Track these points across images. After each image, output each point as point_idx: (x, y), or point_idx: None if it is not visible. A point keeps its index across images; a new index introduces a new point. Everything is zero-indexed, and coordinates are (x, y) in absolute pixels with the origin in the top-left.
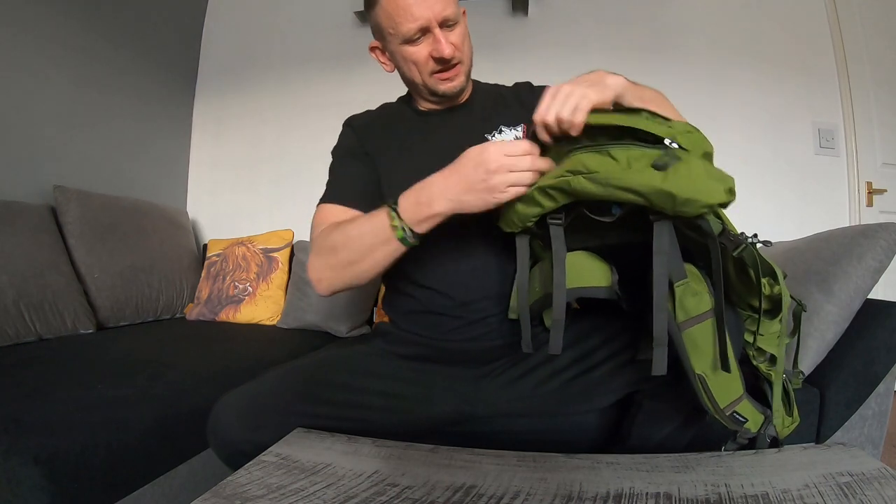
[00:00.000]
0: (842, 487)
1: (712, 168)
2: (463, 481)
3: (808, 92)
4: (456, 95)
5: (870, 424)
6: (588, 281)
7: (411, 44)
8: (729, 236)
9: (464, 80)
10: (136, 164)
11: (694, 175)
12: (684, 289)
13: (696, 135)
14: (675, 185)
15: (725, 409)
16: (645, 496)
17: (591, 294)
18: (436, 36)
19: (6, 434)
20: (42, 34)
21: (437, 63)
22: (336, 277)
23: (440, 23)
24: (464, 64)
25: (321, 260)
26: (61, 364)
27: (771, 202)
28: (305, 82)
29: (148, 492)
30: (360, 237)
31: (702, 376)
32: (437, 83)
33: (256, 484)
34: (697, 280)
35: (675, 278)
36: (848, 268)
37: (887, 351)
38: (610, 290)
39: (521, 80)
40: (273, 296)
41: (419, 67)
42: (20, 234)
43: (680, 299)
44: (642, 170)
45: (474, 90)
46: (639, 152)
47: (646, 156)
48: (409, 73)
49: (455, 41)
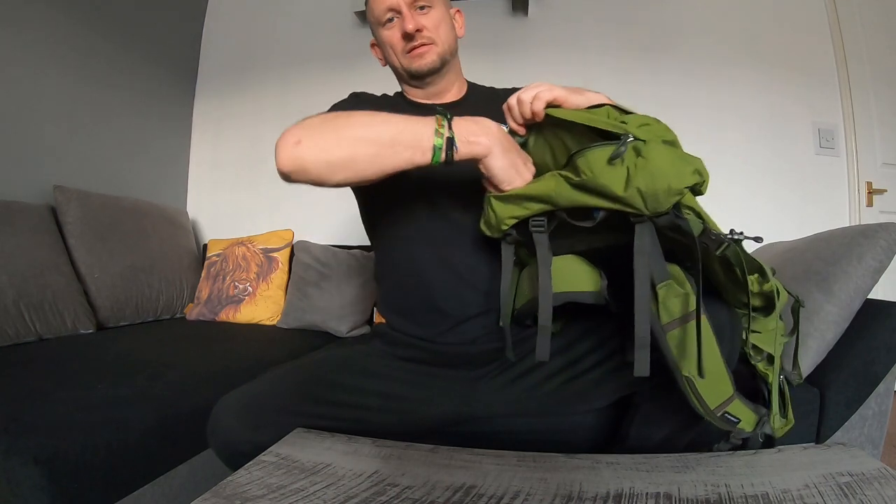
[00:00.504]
0: (842, 487)
1: (675, 151)
2: (463, 481)
3: (808, 92)
4: (427, 75)
5: (870, 424)
6: (576, 286)
7: (386, 27)
8: (710, 235)
9: (436, 60)
10: (136, 164)
11: (655, 165)
12: (667, 290)
13: (654, 126)
14: (640, 180)
15: (716, 410)
16: (645, 496)
17: (579, 299)
18: (403, 14)
19: (6, 434)
20: (42, 34)
21: (405, 39)
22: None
23: (409, 4)
24: (437, 45)
25: (313, 127)
26: (61, 364)
27: (771, 202)
28: (305, 82)
29: (148, 492)
30: (384, 123)
31: (689, 378)
32: (409, 61)
33: (256, 484)
34: (681, 281)
35: (657, 279)
36: (848, 268)
37: (887, 351)
38: (598, 294)
39: (521, 79)
40: (273, 296)
41: (394, 49)
42: (20, 234)
43: (663, 300)
44: (602, 171)
45: (469, 91)
46: (598, 154)
47: (603, 155)
48: (389, 57)
49: (425, 22)
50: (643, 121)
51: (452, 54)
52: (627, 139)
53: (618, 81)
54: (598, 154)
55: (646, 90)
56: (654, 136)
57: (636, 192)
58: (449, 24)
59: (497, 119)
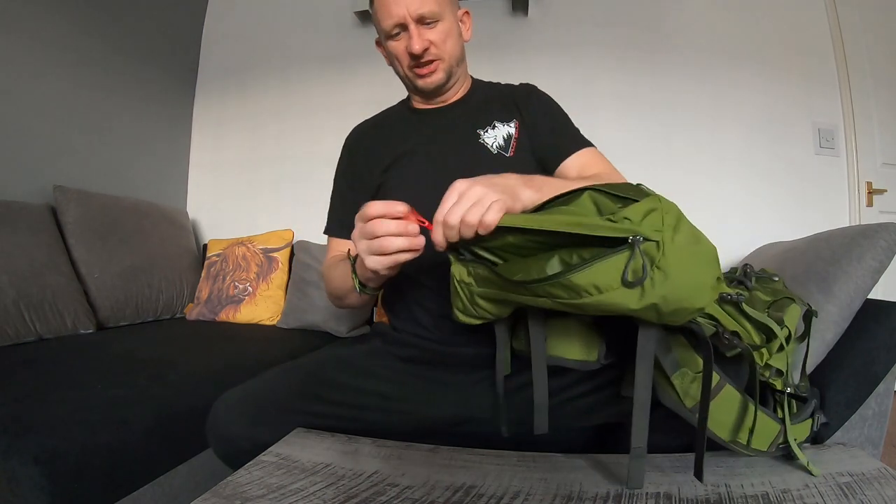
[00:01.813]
0: (842, 487)
1: (694, 251)
2: (463, 481)
3: (808, 92)
4: (434, 91)
5: (870, 424)
6: (571, 353)
7: (392, 39)
8: (723, 338)
9: (442, 77)
10: (136, 164)
11: (675, 282)
12: (682, 378)
13: (658, 209)
14: (656, 296)
15: (769, 450)
16: (645, 496)
17: (570, 366)
18: (410, 32)
19: (6, 434)
20: (42, 34)
21: (412, 58)
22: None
23: (416, 19)
24: (444, 61)
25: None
26: (61, 364)
27: (771, 202)
28: (305, 83)
29: (148, 492)
30: (339, 280)
31: (737, 442)
32: (415, 77)
33: (256, 484)
34: (692, 361)
35: (669, 372)
36: (848, 268)
37: (887, 351)
38: (596, 363)
39: (521, 79)
40: (273, 296)
41: (400, 61)
42: (20, 234)
43: (682, 389)
44: (614, 289)
45: (473, 87)
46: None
47: (611, 269)
48: (395, 66)
49: (433, 38)
50: (646, 207)
51: (459, 63)
52: (638, 242)
53: (618, 81)
54: (604, 269)
55: (645, 90)
56: (665, 224)
57: (652, 308)
58: (456, 34)
59: (500, 116)
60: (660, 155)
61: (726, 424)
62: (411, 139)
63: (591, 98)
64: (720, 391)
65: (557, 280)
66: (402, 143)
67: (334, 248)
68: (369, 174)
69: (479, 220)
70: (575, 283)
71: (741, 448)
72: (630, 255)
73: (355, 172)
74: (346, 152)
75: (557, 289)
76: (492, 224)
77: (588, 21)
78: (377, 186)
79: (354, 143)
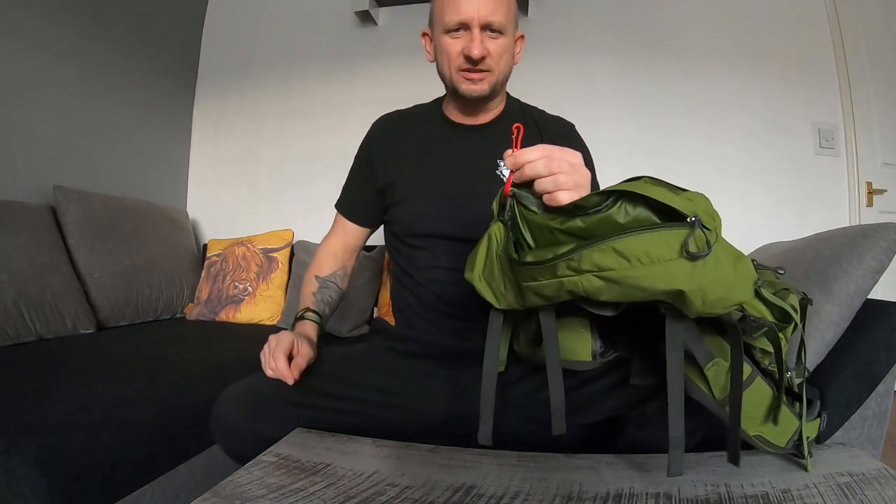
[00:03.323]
0: (842, 487)
1: (735, 252)
2: (463, 481)
3: (808, 92)
4: (472, 101)
5: (870, 424)
6: (575, 354)
7: (449, 35)
8: (750, 321)
9: (487, 89)
10: (136, 164)
11: (724, 269)
12: (716, 370)
13: (710, 205)
14: (704, 279)
15: (786, 447)
16: (645, 496)
17: (576, 367)
18: (473, 34)
19: (6, 434)
20: (42, 35)
21: (466, 61)
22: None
23: (482, 25)
24: (493, 74)
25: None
26: (61, 364)
27: (771, 202)
28: (305, 82)
29: (148, 492)
30: (300, 294)
31: (759, 436)
32: (460, 81)
33: (256, 484)
34: (722, 350)
35: (702, 363)
36: (848, 268)
37: (887, 351)
38: (593, 363)
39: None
40: (273, 296)
41: (450, 60)
42: (20, 234)
43: (714, 380)
44: (667, 260)
45: (506, 110)
46: (655, 237)
47: (669, 239)
48: (441, 64)
49: (492, 49)
50: (704, 202)
51: (504, 84)
52: (695, 223)
53: (617, 81)
54: (660, 238)
55: (646, 89)
56: (717, 222)
57: (698, 291)
58: (511, 53)
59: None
60: (660, 155)
61: (755, 418)
62: (433, 151)
63: (591, 98)
64: (751, 383)
65: (610, 243)
66: (422, 150)
67: (339, 224)
68: (381, 167)
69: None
70: (629, 246)
71: (762, 444)
72: (689, 231)
73: (370, 161)
74: (367, 139)
75: (608, 256)
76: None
77: (588, 21)
78: (385, 184)
79: (379, 131)
